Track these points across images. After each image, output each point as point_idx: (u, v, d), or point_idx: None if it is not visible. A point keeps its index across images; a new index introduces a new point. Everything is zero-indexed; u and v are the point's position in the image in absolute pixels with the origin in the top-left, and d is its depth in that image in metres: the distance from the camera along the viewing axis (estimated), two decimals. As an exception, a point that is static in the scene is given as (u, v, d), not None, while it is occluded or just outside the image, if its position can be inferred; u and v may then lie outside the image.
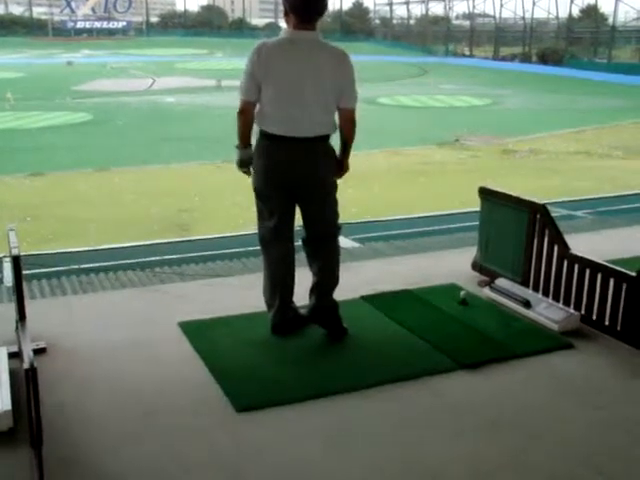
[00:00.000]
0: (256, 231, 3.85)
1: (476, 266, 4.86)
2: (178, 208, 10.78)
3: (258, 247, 3.86)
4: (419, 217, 8.36)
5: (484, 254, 4.79)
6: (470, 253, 4.92)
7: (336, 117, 3.70)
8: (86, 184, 12.93)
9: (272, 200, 3.73)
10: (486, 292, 4.49)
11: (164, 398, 3.10)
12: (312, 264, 3.85)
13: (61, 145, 17.83)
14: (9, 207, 10.97)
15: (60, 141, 18.50)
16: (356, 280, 4.61)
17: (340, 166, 3.79)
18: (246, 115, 3.66)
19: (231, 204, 10.73)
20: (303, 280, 3.81)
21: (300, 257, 3.84)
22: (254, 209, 3.83)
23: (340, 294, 3.86)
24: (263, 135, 3.67)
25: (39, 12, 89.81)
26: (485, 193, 4.75)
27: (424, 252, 5.52)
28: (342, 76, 3.59)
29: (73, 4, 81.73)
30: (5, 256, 5.30)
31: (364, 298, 4.39)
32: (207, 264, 5.12)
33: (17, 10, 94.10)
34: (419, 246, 5.81)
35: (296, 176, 3.65)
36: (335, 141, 3.74)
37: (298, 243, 3.83)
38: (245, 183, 3.95)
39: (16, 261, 2.86)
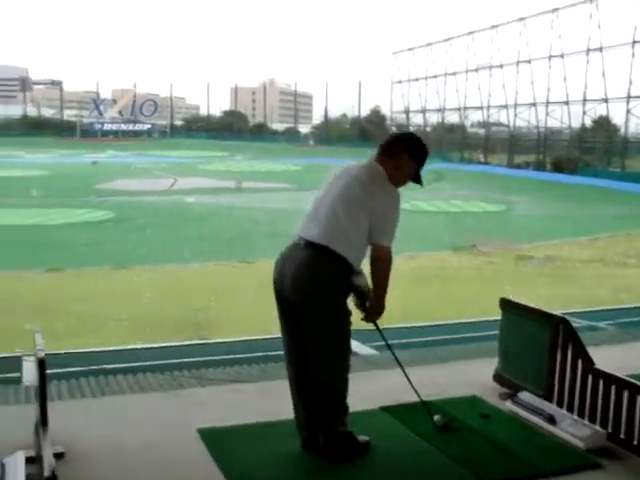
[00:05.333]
0: (272, 335, 3.83)
1: (497, 378, 4.78)
2: (195, 307, 10.79)
3: (276, 352, 3.83)
4: (437, 325, 8.30)
5: (505, 366, 4.72)
6: (490, 364, 4.85)
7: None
8: (104, 281, 13.02)
9: (277, 308, 3.68)
10: (508, 405, 4.40)
11: (179, 508, 3.01)
12: None
13: (82, 242, 18.09)
14: (27, 302, 11.02)
15: (81, 238, 18.77)
16: (374, 390, 4.54)
17: (369, 305, 3.59)
18: None
19: (248, 305, 10.74)
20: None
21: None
22: (273, 312, 3.78)
23: (358, 404, 3.78)
24: None
25: (69, 115, 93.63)
26: (506, 304, 4.74)
27: (443, 362, 5.44)
28: (375, 209, 3.48)
29: (101, 107, 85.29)
30: (25, 354, 5.28)
31: (383, 409, 4.31)
32: (226, 369, 5.07)
33: (49, 112, 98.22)
34: (438, 355, 5.74)
35: (284, 280, 3.49)
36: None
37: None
38: (261, 284, 3.96)
39: (41, 365, 2.86)
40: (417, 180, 3.74)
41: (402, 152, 3.65)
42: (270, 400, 4.02)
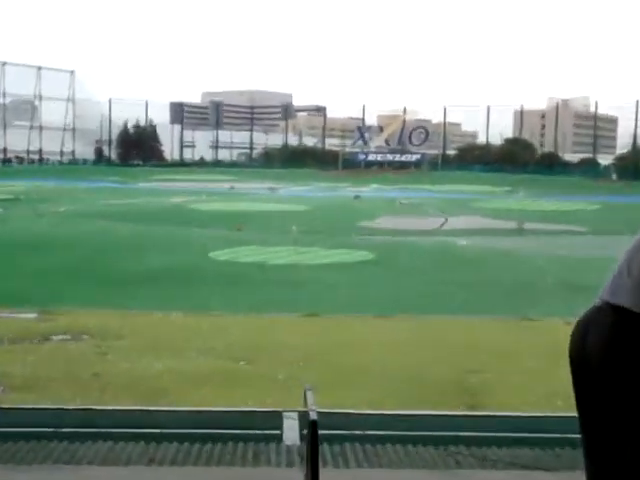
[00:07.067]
0: (565, 414, 3.55)
1: None
2: (465, 368, 10.67)
3: (572, 435, 3.55)
4: None
5: None
6: None
7: None
8: (363, 330, 13.42)
9: (573, 388, 3.33)
10: None
11: None
12: None
13: (340, 285, 18.93)
14: (282, 349, 11.71)
15: (339, 280, 19.67)
16: None
17: None
18: None
19: (530, 371, 10.40)
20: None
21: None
22: (563, 384, 3.49)
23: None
24: None
25: (331, 144, 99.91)
26: None
27: None
28: None
29: (366, 135, 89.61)
30: (286, 410, 5.54)
31: None
32: (511, 449, 4.88)
33: (310, 142, 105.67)
34: None
35: (586, 357, 3.07)
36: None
37: None
38: (548, 348, 3.73)
39: (314, 427, 2.92)
40: None
41: None
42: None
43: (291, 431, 5.03)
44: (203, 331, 12.94)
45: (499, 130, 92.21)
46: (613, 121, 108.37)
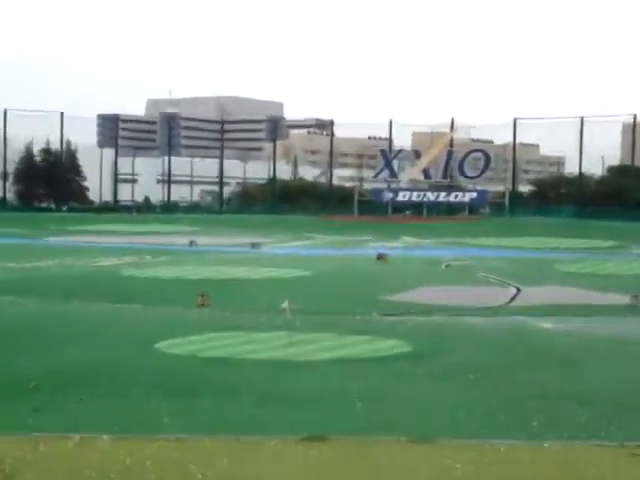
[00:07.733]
0: None
1: None
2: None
3: None
4: None
5: None
6: None
7: None
8: (393, 461, 13.31)
9: None
10: None
11: None
12: None
13: (357, 393, 18.73)
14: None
15: (356, 387, 19.47)
16: None
17: None
18: None
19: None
20: None
21: None
22: None
23: None
24: None
25: (341, 177, 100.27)
26: None
27: None
28: None
29: (395, 163, 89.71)
30: None
31: None
32: None
33: (310, 173, 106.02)
34: None
35: None
36: None
37: None
38: None
39: None
40: None
41: None
42: None
43: None
44: (145, 464, 12.75)
45: (600, 153, 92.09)
46: None
